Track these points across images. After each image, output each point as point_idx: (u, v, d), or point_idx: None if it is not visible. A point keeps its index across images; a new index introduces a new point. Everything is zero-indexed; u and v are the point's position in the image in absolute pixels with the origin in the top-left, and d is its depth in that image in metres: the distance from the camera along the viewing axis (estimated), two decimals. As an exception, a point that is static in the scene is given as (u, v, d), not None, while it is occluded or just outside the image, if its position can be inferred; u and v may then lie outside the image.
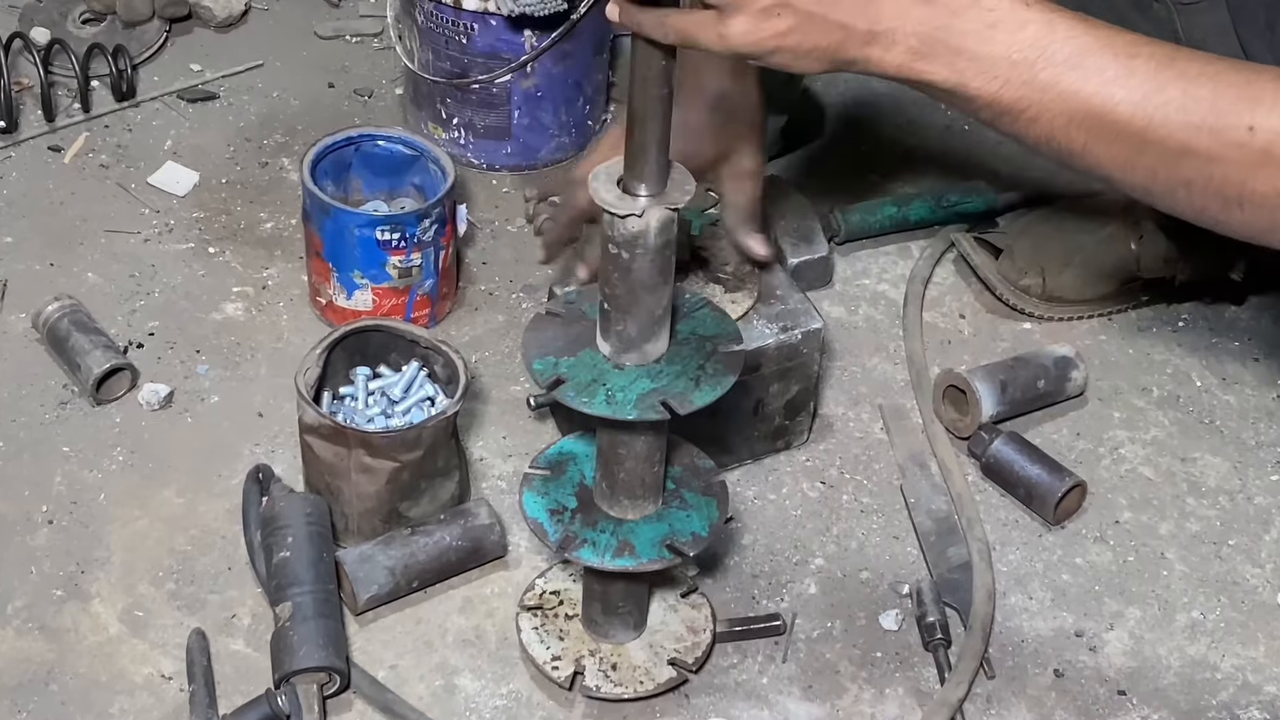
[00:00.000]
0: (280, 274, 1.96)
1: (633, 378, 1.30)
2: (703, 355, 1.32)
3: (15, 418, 1.76)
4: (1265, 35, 1.71)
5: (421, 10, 2.03)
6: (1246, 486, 1.80)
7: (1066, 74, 1.09)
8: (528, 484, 1.47)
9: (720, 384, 1.30)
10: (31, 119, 2.14)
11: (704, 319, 1.36)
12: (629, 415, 1.27)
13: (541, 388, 1.32)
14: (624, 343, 1.29)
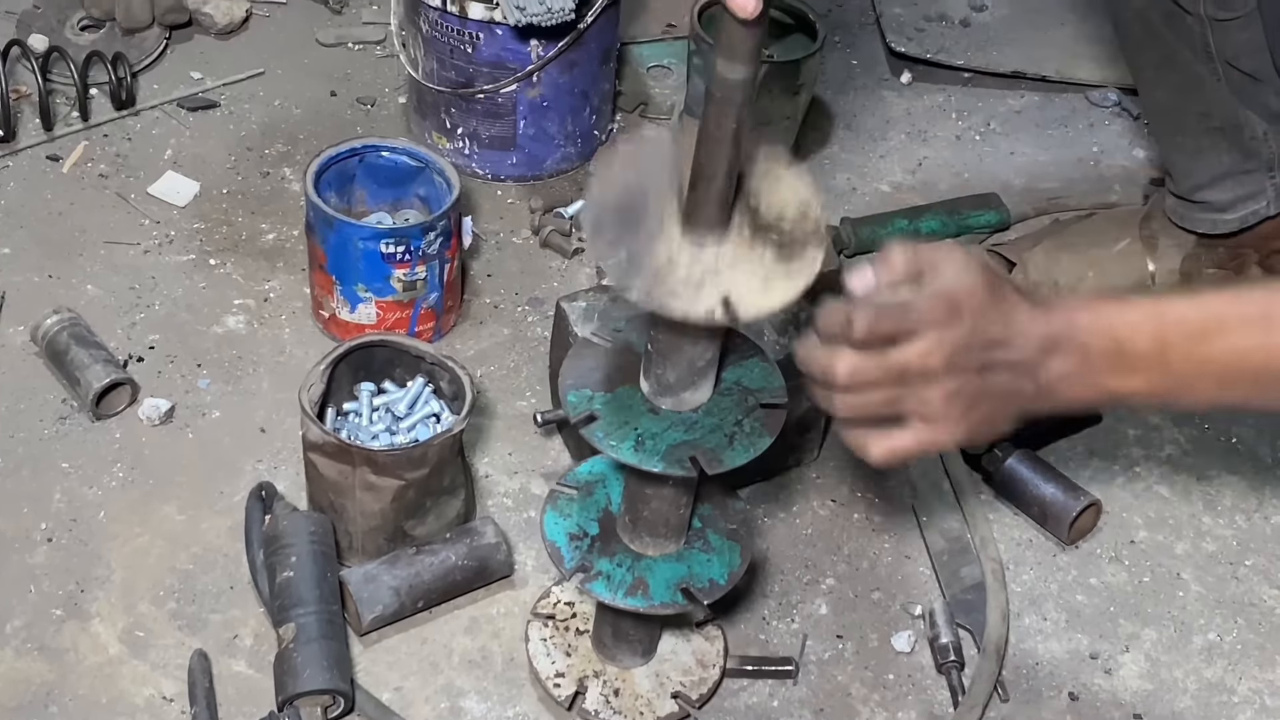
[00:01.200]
0: (282, 286, 1.96)
1: (666, 425, 1.28)
2: (743, 410, 1.30)
3: (14, 433, 1.76)
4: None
5: (426, 19, 2.03)
6: (1264, 505, 1.80)
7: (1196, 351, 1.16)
8: (552, 502, 1.46)
9: (755, 446, 1.29)
10: (30, 127, 2.14)
11: (752, 369, 1.34)
12: (655, 467, 1.26)
13: (559, 415, 1.31)
14: (662, 386, 1.28)
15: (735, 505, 1.48)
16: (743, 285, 1.15)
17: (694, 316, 1.15)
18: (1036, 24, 2.43)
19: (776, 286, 1.15)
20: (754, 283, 1.15)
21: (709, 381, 1.30)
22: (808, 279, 1.16)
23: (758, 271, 1.16)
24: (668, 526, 1.40)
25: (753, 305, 1.14)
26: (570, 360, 1.35)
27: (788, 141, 2.18)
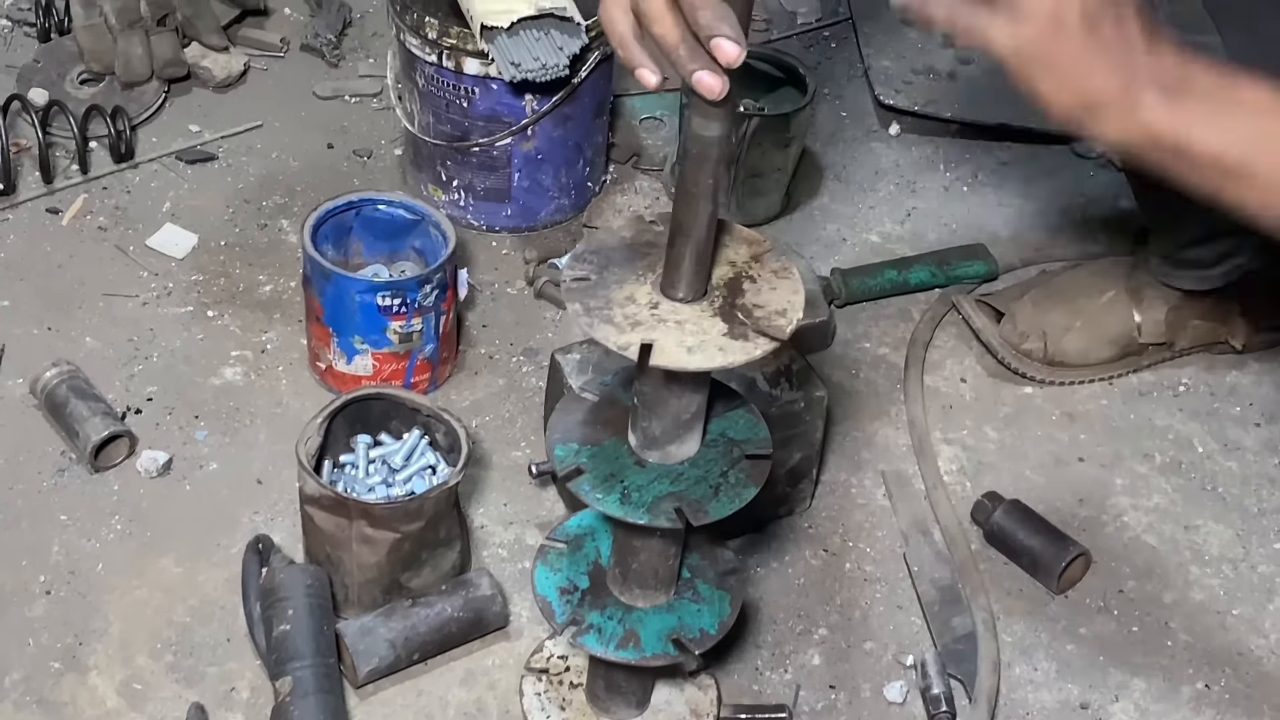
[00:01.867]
0: (279, 337, 1.96)
1: (653, 477, 1.28)
2: (728, 461, 1.30)
3: (13, 485, 1.75)
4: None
5: (422, 74, 2.04)
6: (1250, 555, 1.80)
7: None
8: (542, 556, 1.46)
9: (739, 496, 1.28)
10: (30, 180, 2.14)
11: (739, 421, 1.34)
12: (641, 519, 1.26)
13: (553, 466, 1.32)
14: (649, 439, 1.28)
15: (725, 555, 1.48)
16: (673, 340, 1.15)
17: (608, 344, 1.16)
18: (1022, 77, 2.44)
19: (703, 354, 1.15)
20: (687, 341, 1.16)
21: (695, 435, 1.30)
22: (736, 359, 1.15)
23: (697, 336, 1.16)
24: (657, 578, 1.40)
25: (668, 359, 1.14)
26: (558, 414, 1.36)
27: (779, 192, 2.19)
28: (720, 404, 1.35)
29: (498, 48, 1.94)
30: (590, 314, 1.18)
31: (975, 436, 1.92)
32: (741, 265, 1.22)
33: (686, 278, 1.17)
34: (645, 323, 1.17)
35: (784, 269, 1.23)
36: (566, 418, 1.35)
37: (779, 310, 1.19)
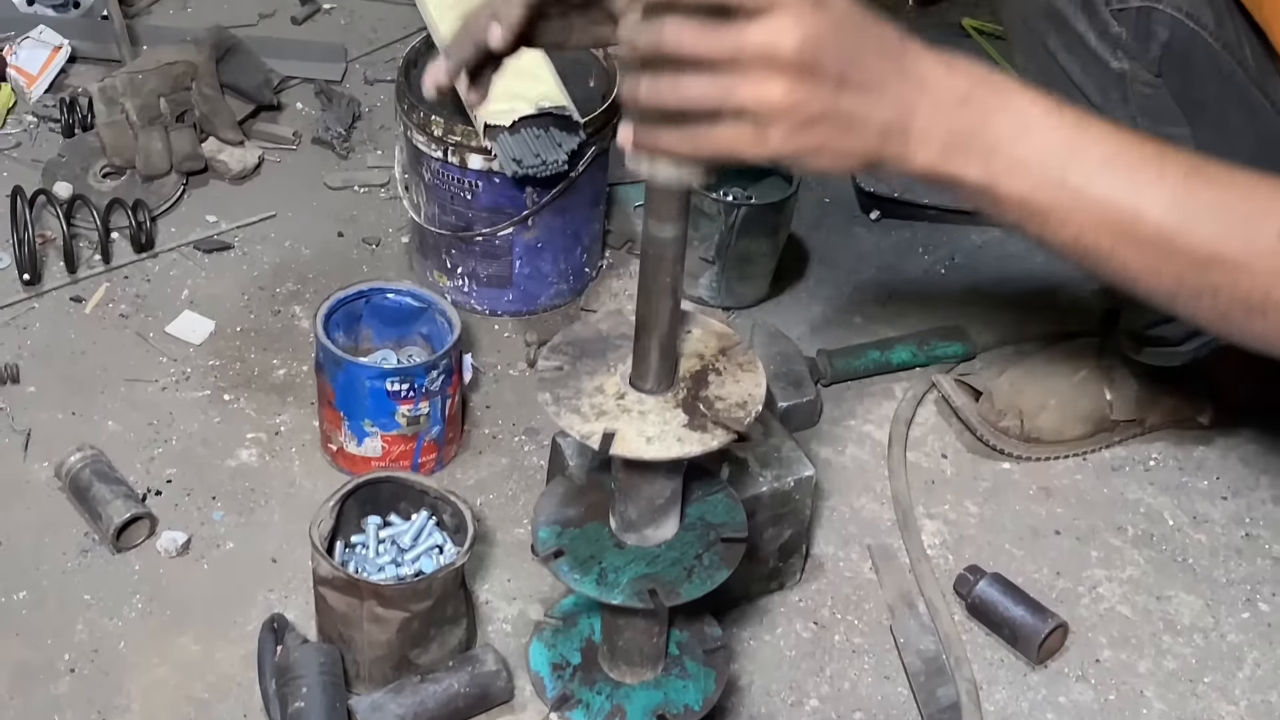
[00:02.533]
0: (292, 420, 1.97)
1: (630, 559, 1.29)
2: (703, 544, 1.31)
3: (39, 566, 1.75)
4: None
5: (428, 168, 2.06)
6: (1220, 624, 1.81)
7: (1097, 177, 1.04)
8: (538, 633, 1.47)
9: (711, 579, 1.29)
10: (54, 270, 2.15)
11: (716, 505, 1.35)
12: (615, 599, 1.27)
13: (541, 558, 1.32)
14: (626, 523, 1.29)
15: (712, 633, 1.48)
16: (634, 430, 1.17)
17: (572, 433, 1.17)
18: (996, 164, 2.46)
19: (661, 444, 1.16)
20: (648, 431, 1.17)
21: (672, 519, 1.31)
22: (693, 450, 1.16)
23: (658, 426, 1.17)
24: (643, 655, 1.41)
25: (627, 448, 1.16)
26: (545, 496, 1.38)
27: (766, 277, 2.20)
28: (700, 488, 1.37)
29: (500, 145, 1.95)
30: (559, 403, 1.20)
31: (956, 511, 1.92)
32: (710, 358, 1.24)
33: (653, 370, 1.19)
34: (610, 413, 1.19)
35: (749, 362, 1.24)
36: (552, 500, 1.37)
37: (739, 403, 1.20)
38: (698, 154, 1.01)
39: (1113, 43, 1.70)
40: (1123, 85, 1.72)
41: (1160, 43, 1.68)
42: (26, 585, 1.73)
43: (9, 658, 1.65)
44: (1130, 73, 1.71)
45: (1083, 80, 1.74)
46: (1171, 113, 1.74)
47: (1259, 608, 1.83)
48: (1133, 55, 1.70)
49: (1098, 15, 1.69)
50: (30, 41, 2.50)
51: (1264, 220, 1.06)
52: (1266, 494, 1.97)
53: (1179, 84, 1.71)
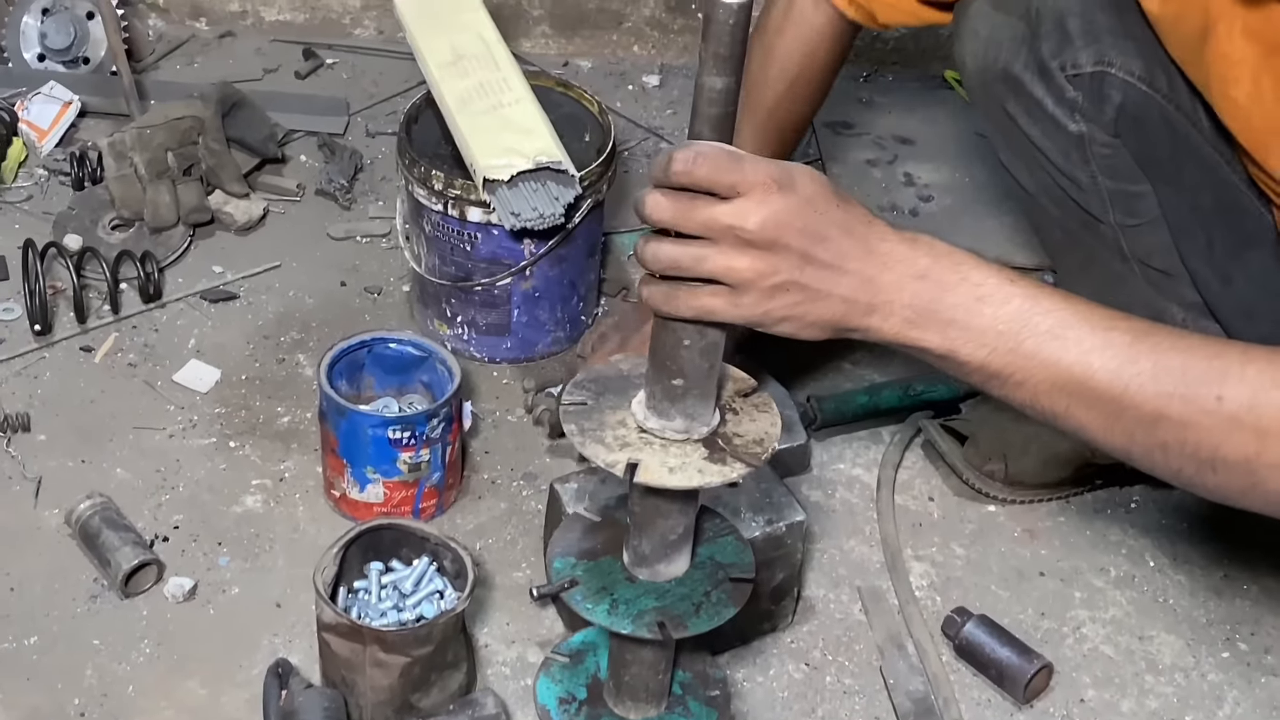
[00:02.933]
0: (296, 466, 1.97)
1: (641, 592, 1.29)
2: (712, 582, 1.31)
3: (49, 611, 1.75)
4: (1205, 253, 1.76)
5: (429, 220, 2.07)
6: (1200, 663, 1.81)
7: (1048, 344, 1.10)
8: (545, 668, 1.46)
9: (719, 615, 1.29)
10: (65, 321, 2.15)
11: (726, 546, 1.35)
12: (624, 629, 1.27)
13: (554, 588, 1.32)
14: (639, 557, 1.30)
15: (715, 674, 1.48)
16: (657, 460, 1.17)
17: (597, 461, 1.18)
18: (977, 214, 2.48)
19: (683, 474, 1.17)
20: (670, 463, 1.17)
21: (683, 555, 1.31)
22: (714, 480, 1.16)
23: (680, 459, 1.18)
24: (648, 691, 1.40)
25: (651, 478, 1.16)
26: (560, 531, 1.38)
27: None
28: (711, 529, 1.37)
29: (499, 199, 1.96)
30: (584, 434, 1.20)
31: (944, 553, 1.93)
32: (727, 399, 1.25)
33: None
34: (633, 444, 1.19)
35: (764, 404, 1.25)
36: (568, 534, 1.37)
37: (756, 439, 1.21)
38: (678, 312, 1.09)
39: (1070, 106, 1.72)
40: (1083, 147, 1.74)
41: (1115, 105, 1.71)
42: (37, 630, 1.73)
43: (20, 702, 1.65)
44: (1089, 134, 1.73)
45: (1044, 143, 1.76)
46: (1131, 171, 1.76)
47: (1238, 647, 1.83)
48: (1090, 118, 1.72)
49: (1053, 80, 1.71)
50: (41, 97, 2.51)
51: (1208, 382, 1.10)
52: (1242, 535, 1.97)
53: (1136, 144, 1.73)
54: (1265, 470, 1.11)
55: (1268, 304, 1.75)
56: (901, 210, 2.49)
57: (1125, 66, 1.69)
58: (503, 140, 1.99)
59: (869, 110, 2.75)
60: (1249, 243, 1.72)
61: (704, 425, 1.20)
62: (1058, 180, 1.80)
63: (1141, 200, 1.79)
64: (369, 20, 2.87)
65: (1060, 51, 1.70)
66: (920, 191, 2.54)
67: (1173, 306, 1.86)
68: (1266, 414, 1.09)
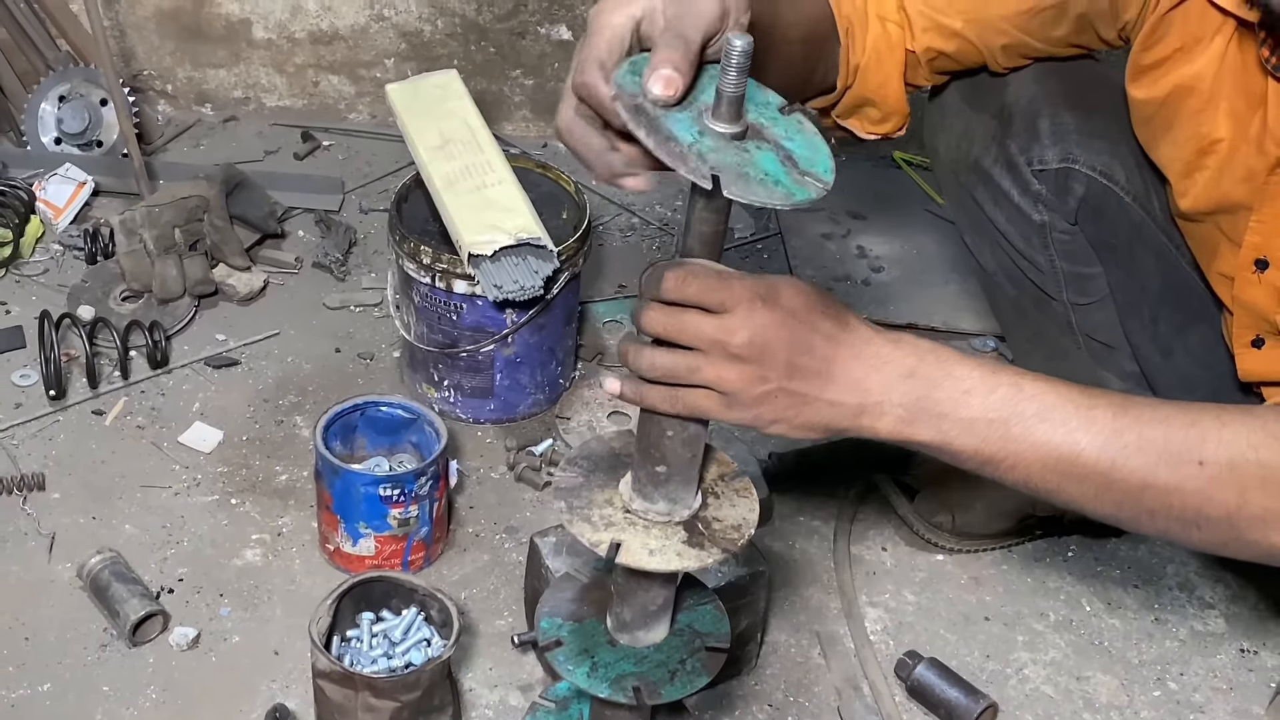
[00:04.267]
0: (293, 522, 1.96)
1: (620, 657, 1.28)
2: (689, 650, 1.30)
3: (61, 660, 1.74)
4: (1149, 329, 1.78)
5: (418, 291, 2.07)
6: (1134, 702, 1.81)
7: (1036, 428, 1.09)
8: (532, 713, 1.46)
9: (692, 683, 1.28)
10: (78, 386, 2.15)
11: (705, 615, 1.34)
12: (602, 693, 1.26)
13: (532, 638, 1.32)
14: (621, 624, 1.29)
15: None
16: (639, 543, 1.17)
17: (583, 540, 1.17)
18: (925, 283, 2.50)
19: (662, 556, 1.16)
20: (650, 544, 1.17)
21: (663, 624, 1.31)
22: (691, 565, 1.16)
23: (661, 541, 1.18)
24: None
25: (632, 559, 1.16)
26: (551, 590, 1.37)
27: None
28: (692, 597, 1.36)
29: (482, 272, 1.97)
30: (572, 512, 1.20)
31: (896, 599, 1.93)
32: (710, 481, 1.24)
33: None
34: (618, 524, 1.19)
35: (745, 488, 1.25)
36: (557, 594, 1.36)
37: (735, 525, 1.21)
38: (676, 412, 1.08)
39: (1034, 198, 1.74)
40: (1044, 234, 1.76)
41: (1077, 197, 1.73)
42: (50, 678, 1.71)
43: (32, 747, 1.64)
44: (1050, 223, 1.75)
45: (1007, 229, 1.78)
46: (1087, 255, 1.78)
47: (1168, 686, 1.84)
48: (1052, 208, 1.74)
49: (1020, 175, 1.73)
50: (58, 177, 2.51)
51: (1189, 449, 1.11)
52: (1173, 581, 1.98)
53: (1093, 231, 1.75)
54: (1245, 523, 1.12)
55: (1205, 375, 1.77)
56: (855, 280, 2.51)
57: (1089, 163, 1.71)
58: (486, 218, 2.00)
59: (824, 188, 2.78)
60: (1192, 319, 1.74)
61: (686, 509, 1.19)
62: (1017, 262, 1.81)
63: (1093, 281, 1.81)
64: (362, 106, 2.89)
65: (1028, 148, 1.72)
66: (872, 263, 2.56)
67: (1112, 377, 1.87)
68: (1245, 473, 1.10)
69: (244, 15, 2.78)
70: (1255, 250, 1.56)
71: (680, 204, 2.74)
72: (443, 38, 2.79)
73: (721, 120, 1.04)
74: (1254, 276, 1.58)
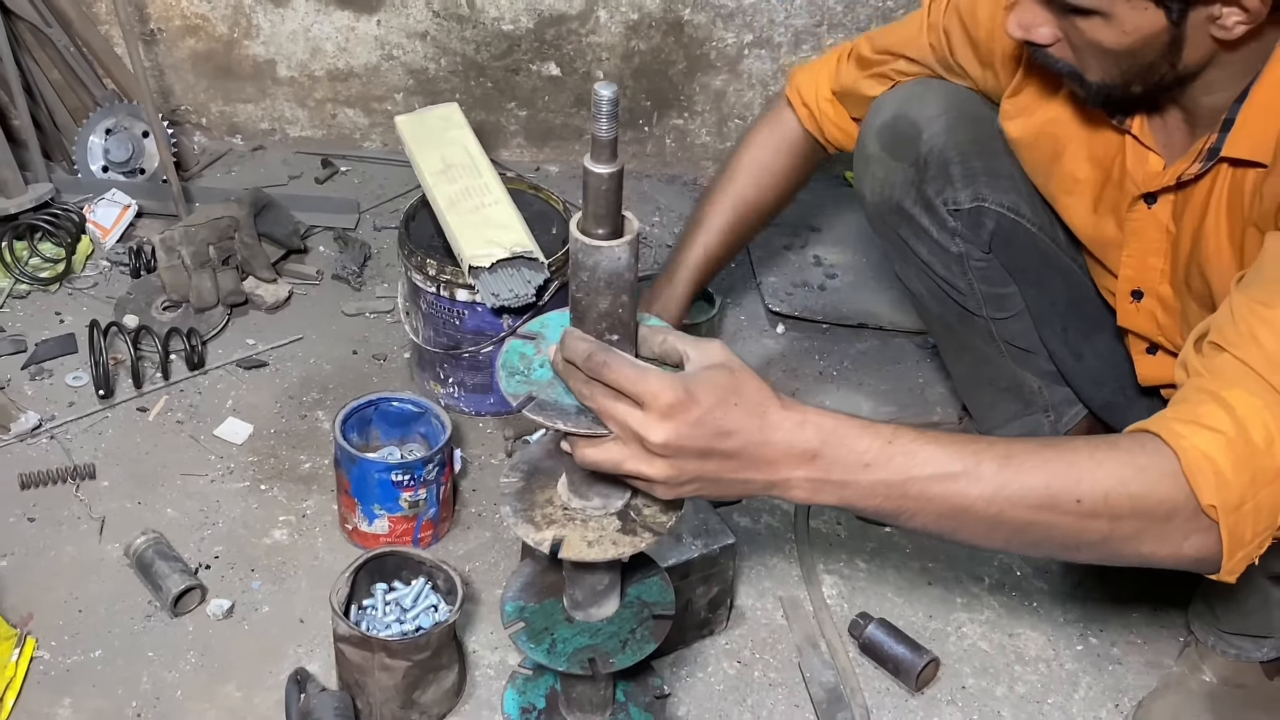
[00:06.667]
0: (316, 505, 1.96)
1: (576, 632, 1.28)
2: (637, 620, 1.29)
3: (111, 629, 1.73)
4: (1061, 336, 1.78)
5: (425, 300, 2.07)
6: (1059, 655, 1.82)
7: (931, 486, 1.09)
8: (511, 681, 1.45)
9: (641, 650, 1.27)
10: (124, 386, 2.14)
11: (652, 586, 1.33)
12: (560, 666, 1.26)
13: (506, 628, 1.31)
14: (574, 603, 1.28)
15: (653, 683, 1.46)
16: (578, 536, 1.16)
17: (528, 540, 1.16)
18: (873, 288, 2.50)
19: (599, 547, 1.15)
20: (589, 537, 1.16)
21: (612, 600, 1.29)
22: (626, 551, 1.15)
23: (597, 533, 1.16)
24: (592, 704, 1.39)
25: (573, 553, 1.15)
26: (514, 576, 1.36)
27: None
28: (640, 572, 1.35)
29: (481, 282, 1.97)
30: (516, 515, 1.18)
31: (849, 567, 1.93)
32: None
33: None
34: (558, 521, 1.18)
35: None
36: (519, 580, 1.35)
37: (662, 509, 1.19)
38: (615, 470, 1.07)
39: (951, 233, 1.75)
40: (962, 262, 1.77)
41: (989, 230, 1.74)
42: (101, 645, 1.71)
43: (87, 705, 1.63)
44: (967, 252, 1.76)
45: (930, 260, 1.79)
46: (1001, 277, 1.79)
47: (1090, 641, 1.84)
48: (968, 240, 1.75)
49: (937, 214, 1.74)
50: (105, 201, 2.50)
51: (1067, 489, 1.10)
52: (1093, 548, 1.99)
53: (1006, 257, 1.76)
54: (1117, 543, 1.13)
55: (1112, 374, 1.77)
56: (812, 285, 2.51)
57: (997, 200, 1.72)
58: (484, 234, 2.00)
59: (784, 204, 2.78)
60: (1097, 327, 1.75)
61: (619, 499, 1.18)
62: (941, 286, 1.82)
63: (1009, 298, 1.82)
64: (375, 135, 2.88)
65: (943, 191, 1.73)
66: (827, 270, 2.56)
67: (1032, 376, 1.88)
68: (1117, 504, 1.10)
69: (269, 56, 2.77)
70: (1130, 283, 1.57)
71: (658, 218, 2.73)
72: (446, 74, 2.79)
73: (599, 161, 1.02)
74: (1132, 306, 1.59)
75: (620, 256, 1.03)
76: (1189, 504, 1.10)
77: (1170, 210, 1.47)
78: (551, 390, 1.09)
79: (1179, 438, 1.11)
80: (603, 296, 1.05)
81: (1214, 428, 1.10)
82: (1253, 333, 1.15)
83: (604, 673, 1.25)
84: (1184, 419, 1.12)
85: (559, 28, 2.72)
